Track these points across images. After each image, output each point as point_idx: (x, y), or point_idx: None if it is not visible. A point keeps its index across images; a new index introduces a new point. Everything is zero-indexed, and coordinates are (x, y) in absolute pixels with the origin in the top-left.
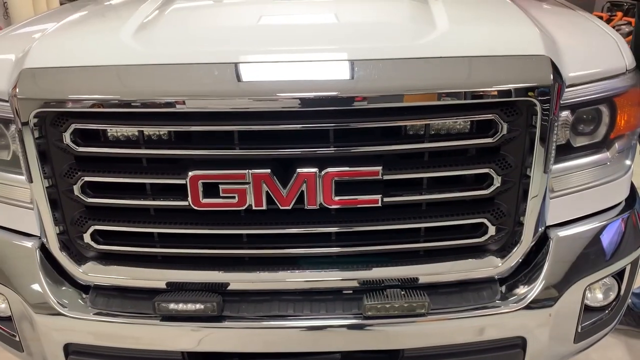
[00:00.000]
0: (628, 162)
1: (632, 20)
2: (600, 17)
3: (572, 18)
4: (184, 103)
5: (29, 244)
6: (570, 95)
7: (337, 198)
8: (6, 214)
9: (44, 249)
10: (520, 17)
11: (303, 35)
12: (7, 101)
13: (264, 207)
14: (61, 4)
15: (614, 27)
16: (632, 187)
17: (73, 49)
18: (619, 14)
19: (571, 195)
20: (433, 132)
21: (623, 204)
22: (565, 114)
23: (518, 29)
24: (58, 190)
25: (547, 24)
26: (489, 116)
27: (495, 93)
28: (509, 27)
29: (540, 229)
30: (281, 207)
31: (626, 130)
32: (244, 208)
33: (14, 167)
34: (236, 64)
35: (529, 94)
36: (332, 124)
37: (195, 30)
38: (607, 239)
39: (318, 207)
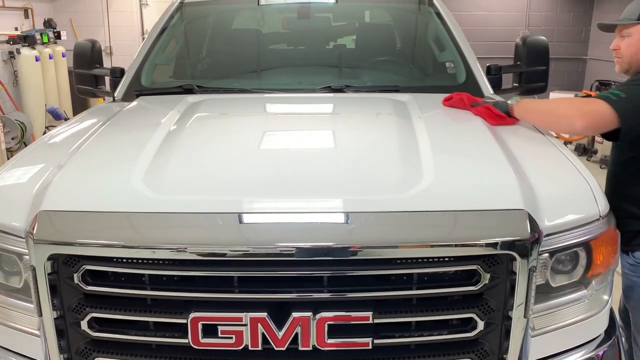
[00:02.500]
0: (605, 297)
1: None
2: (589, 96)
3: (552, 159)
4: (186, 250)
5: None
6: (548, 242)
7: (329, 340)
8: (12, 338)
9: None
10: (500, 163)
11: (300, 183)
12: (22, 237)
13: (260, 348)
14: (69, 71)
15: None
16: (612, 315)
17: (87, 192)
18: None
19: (552, 333)
20: (420, 274)
21: (602, 335)
22: (544, 256)
23: (498, 180)
24: (65, 322)
25: (526, 167)
26: (472, 267)
27: (481, 246)
28: (489, 177)
29: None
30: (276, 348)
31: (602, 269)
32: (240, 348)
33: (24, 294)
34: (239, 214)
35: (509, 247)
36: (327, 271)
37: (202, 171)
38: None
39: (311, 348)
